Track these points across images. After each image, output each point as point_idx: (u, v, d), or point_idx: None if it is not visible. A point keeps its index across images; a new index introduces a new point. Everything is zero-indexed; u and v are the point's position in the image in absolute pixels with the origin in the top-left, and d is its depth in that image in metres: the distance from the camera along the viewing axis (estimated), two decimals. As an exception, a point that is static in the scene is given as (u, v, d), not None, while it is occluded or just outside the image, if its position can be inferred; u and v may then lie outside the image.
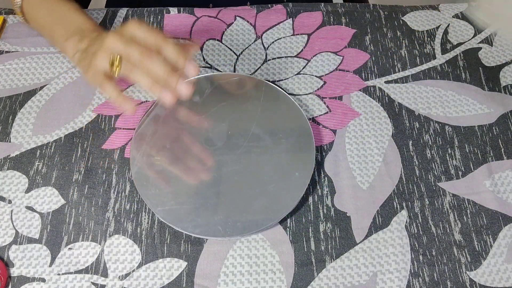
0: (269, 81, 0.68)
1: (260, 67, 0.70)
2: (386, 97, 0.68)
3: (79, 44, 0.60)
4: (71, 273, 0.56)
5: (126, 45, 0.53)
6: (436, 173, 0.62)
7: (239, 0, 0.80)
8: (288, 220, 0.59)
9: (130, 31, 0.54)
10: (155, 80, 0.52)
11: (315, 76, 0.70)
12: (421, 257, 0.57)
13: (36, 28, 0.69)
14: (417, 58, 0.72)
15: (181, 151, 0.62)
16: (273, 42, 0.73)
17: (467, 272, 0.57)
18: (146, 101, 0.67)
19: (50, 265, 0.56)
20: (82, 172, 0.62)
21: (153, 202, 0.58)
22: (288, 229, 0.59)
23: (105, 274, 0.56)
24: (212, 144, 0.62)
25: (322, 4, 0.77)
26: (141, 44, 0.53)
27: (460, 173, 0.63)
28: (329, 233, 0.59)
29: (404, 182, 0.62)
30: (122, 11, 0.75)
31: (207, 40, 0.73)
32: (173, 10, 0.75)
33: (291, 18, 0.75)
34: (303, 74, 0.70)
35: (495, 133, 0.66)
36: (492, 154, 0.64)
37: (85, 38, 0.60)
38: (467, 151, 0.64)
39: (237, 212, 0.58)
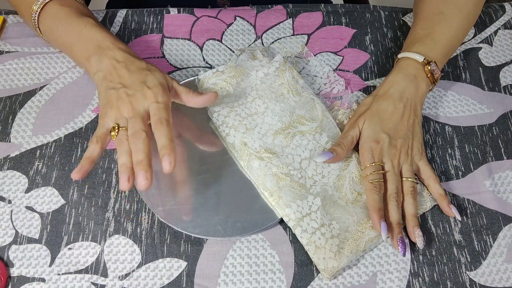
0: None
1: (260, 67, 0.70)
2: (386, 97, 0.68)
3: (99, 64, 0.59)
4: (71, 273, 0.56)
5: (131, 120, 0.55)
6: (436, 173, 0.62)
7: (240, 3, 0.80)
8: (288, 220, 0.59)
9: (145, 104, 0.56)
10: (124, 168, 0.53)
11: (315, 76, 0.70)
12: (421, 257, 0.57)
13: (54, 44, 0.68)
14: (417, 58, 0.72)
15: (180, 151, 0.62)
16: (273, 42, 0.73)
17: (467, 272, 0.57)
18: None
19: (50, 265, 0.56)
20: (82, 172, 0.62)
21: (153, 202, 0.58)
22: (288, 229, 0.59)
23: (105, 274, 0.56)
24: (212, 144, 0.62)
25: (322, 4, 0.77)
26: (138, 122, 0.55)
27: (460, 173, 0.63)
28: (329, 233, 0.58)
29: (404, 182, 0.62)
30: (122, 12, 0.75)
31: (207, 40, 0.73)
32: (173, 10, 0.75)
33: (291, 18, 0.75)
34: (303, 74, 0.70)
35: (495, 133, 0.66)
36: (492, 154, 0.64)
37: (104, 58, 0.59)
38: (467, 151, 0.64)
39: (237, 212, 0.58)
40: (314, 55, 0.71)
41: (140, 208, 0.60)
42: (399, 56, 0.65)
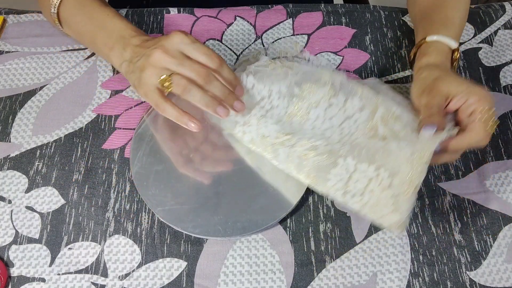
0: None
1: (260, 67, 0.70)
2: (386, 97, 0.68)
3: (124, 53, 0.59)
4: (71, 273, 0.56)
5: (178, 65, 0.54)
6: (436, 173, 0.62)
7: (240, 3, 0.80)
8: (288, 220, 0.59)
9: (177, 46, 0.55)
10: (211, 99, 0.54)
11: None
12: (421, 257, 0.57)
13: (74, 35, 0.67)
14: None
15: (181, 151, 0.62)
16: (273, 42, 0.73)
17: (467, 272, 0.57)
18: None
19: (50, 265, 0.56)
20: (82, 172, 0.62)
21: (153, 202, 0.58)
22: (288, 229, 0.59)
23: (105, 274, 0.56)
24: (212, 144, 0.62)
25: (322, 4, 0.77)
26: (194, 62, 0.54)
27: (460, 173, 0.63)
28: (329, 233, 0.59)
29: (404, 182, 0.62)
30: (122, 11, 0.75)
31: (207, 40, 0.73)
32: (173, 10, 0.75)
33: (291, 18, 0.75)
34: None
35: (495, 133, 0.66)
36: (492, 154, 0.64)
37: (127, 47, 0.59)
38: (467, 151, 0.64)
39: (237, 212, 0.58)
40: (314, 55, 0.71)
41: (140, 208, 0.60)
42: (431, 38, 0.61)
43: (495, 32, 0.74)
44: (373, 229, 0.59)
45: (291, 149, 0.56)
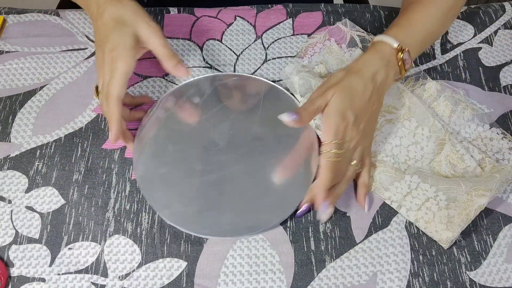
0: (270, 80, 0.68)
1: (260, 67, 0.70)
2: (386, 97, 0.68)
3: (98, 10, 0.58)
4: (71, 273, 0.56)
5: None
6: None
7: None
8: (288, 220, 0.59)
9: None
10: None
11: (315, 76, 0.70)
12: (421, 257, 0.57)
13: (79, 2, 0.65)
14: (417, 58, 0.72)
15: (183, 152, 0.62)
16: (273, 42, 0.73)
17: (467, 272, 0.57)
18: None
19: (50, 265, 0.56)
20: (82, 172, 0.62)
21: (160, 205, 0.58)
22: (288, 229, 0.59)
23: (105, 274, 0.56)
24: (215, 145, 0.62)
25: (322, 4, 0.77)
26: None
27: (460, 173, 0.63)
28: (329, 233, 0.59)
29: (404, 182, 0.62)
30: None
31: (207, 40, 0.73)
32: (173, 10, 0.75)
33: (291, 18, 0.75)
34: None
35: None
36: (492, 154, 0.64)
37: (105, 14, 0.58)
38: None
39: (244, 211, 0.58)
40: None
41: (140, 208, 0.60)
42: (376, 38, 0.62)
43: (495, 32, 0.74)
44: (373, 229, 0.59)
45: None
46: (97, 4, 0.58)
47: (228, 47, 0.72)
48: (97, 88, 0.59)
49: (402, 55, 0.60)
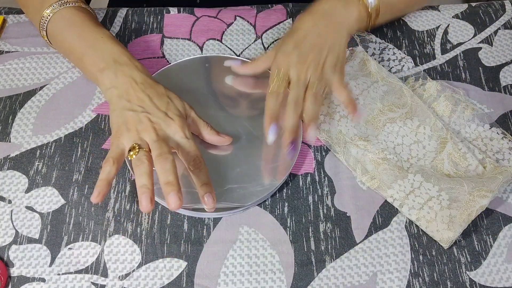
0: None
1: (260, 67, 0.70)
2: (386, 97, 0.68)
3: (115, 79, 0.58)
4: (71, 273, 0.56)
5: (157, 151, 0.53)
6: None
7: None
8: (288, 220, 0.59)
9: (171, 135, 0.55)
10: (148, 181, 0.51)
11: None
12: (421, 257, 0.57)
13: (61, 50, 0.66)
14: (417, 58, 0.72)
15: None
16: (273, 42, 0.73)
17: (467, 272, 0.57)
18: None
19: (50, 265, 0.56)
20: (82, 172, 0.62)
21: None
22: (288, 229, 0.59)
23: (105, 274, 0.56)
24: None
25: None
26: (167, 148, 0.53)
27: (460, 173, 0.63)
28: (329, 233, 0.59)
29: (404, 182, 0.62)
30: (122, 11, 0.75)
31: (207, 40, 0.73)
32: (173, 10, 0.75)
33: (291, 18, 0.75)
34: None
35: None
36: (492, 154, 0.64)
37: (120, 74, 0.58)
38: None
39: (242, 181, 0.59)
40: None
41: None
42: None
43: (495, 32, 0.74)
44: (373, 229, 0.59)
45: (364, 152, 0.62)
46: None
47: (228, 47, 0.72)
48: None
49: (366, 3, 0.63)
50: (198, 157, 0.55)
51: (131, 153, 0.53)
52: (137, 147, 0.53)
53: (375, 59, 0.71)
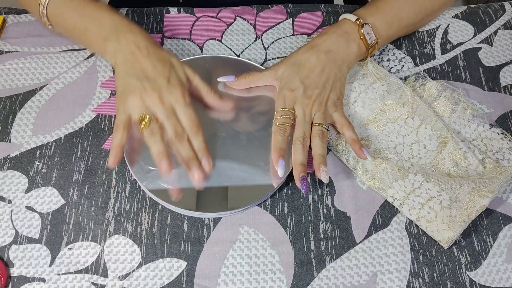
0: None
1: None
2: (386, 97, 0.68)
3: (118, 45, 0.60)
4: (71, 273, 0.56)
5: (164, 117, 0.57)
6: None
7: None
8: (288, 220, 0.59)
9: (173, 101, 0.57)
10: (165, 152, 0.56)
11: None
12: (421, 257, 0.57)
13: (64, 31, 0.67)
14: (417, 58, 0.72)
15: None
16: (273, 42, 0.73)
17: (467, 272, 0.57)
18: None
19: (50, 265, 0.56)
20: (82, 172, 0.62)
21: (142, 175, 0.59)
22: (288, 229, 0.59)
23: (105, 274, 0.56)
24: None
25: (322, 4, 0.77)
26: (176, 121, 0.57)
27: (460, 173, 0.63)
28: (329, 233, 0.59)
29: (404, 182, 0.62)
30: (122, 11, 0.75)
31: (207, 40, 0.73)
32: (173, 10, 0.75)
33: (291, 18, 0.75)
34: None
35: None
36: (492, 154, 0.64)
37: (122, 39, 0.60)
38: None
39: (237, 183, 0.59)
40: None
41: (140, 208, 0.60)
42: (340, 17, 0.67)
43: (495, 32, 0.74)
44: (373, 229, 0.59)
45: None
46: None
47: (228, 47, 0.72)
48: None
49: (363, 29, 0.64)
50: (196, 123, 0.58)
51: (141, 125, 0.56)
52: (146, 118, 0.56)
53: (375, 59, 0.71)
